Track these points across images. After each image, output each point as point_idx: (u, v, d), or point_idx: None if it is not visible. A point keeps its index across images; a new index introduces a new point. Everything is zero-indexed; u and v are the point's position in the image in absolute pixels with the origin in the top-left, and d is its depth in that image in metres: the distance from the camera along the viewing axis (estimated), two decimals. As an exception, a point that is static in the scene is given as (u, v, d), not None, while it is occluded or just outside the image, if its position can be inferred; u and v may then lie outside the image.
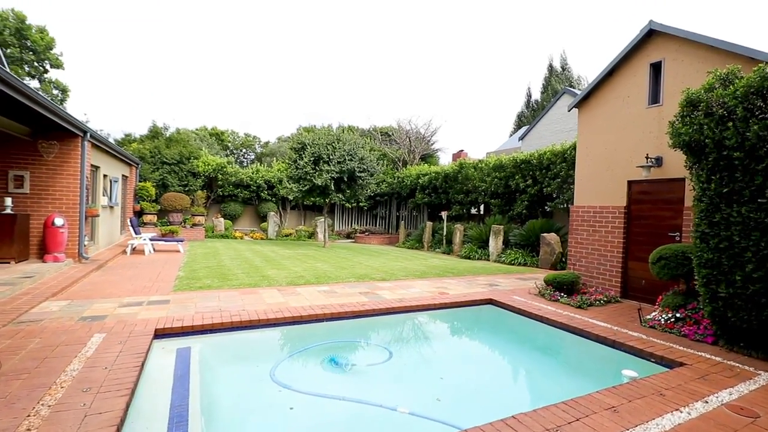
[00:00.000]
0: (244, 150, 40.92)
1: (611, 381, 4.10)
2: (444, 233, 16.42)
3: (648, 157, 6.62)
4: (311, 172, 14.48)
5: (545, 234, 11.90)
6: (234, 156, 38.47)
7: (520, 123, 37.26)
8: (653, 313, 5.87)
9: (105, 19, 54.22)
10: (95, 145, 10.03)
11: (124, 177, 14.47)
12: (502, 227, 13.61)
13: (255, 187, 20.10)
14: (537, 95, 37.86)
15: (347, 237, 21.55)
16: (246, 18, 69.70)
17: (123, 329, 4.66)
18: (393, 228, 22.21)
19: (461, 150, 29.41)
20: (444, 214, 16.82)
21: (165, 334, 4.77)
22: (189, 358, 4.43)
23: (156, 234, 14.59)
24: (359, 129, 28.24)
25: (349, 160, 14.64)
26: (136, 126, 56.28)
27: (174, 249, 12.87)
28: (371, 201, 21.94)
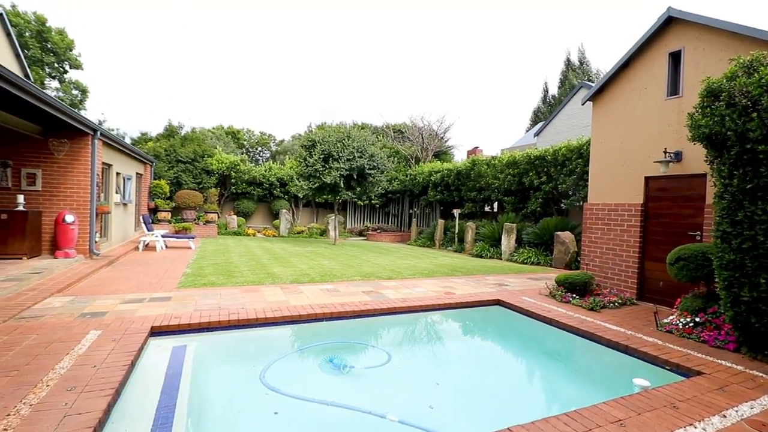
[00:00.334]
0: (259, 148, 41.28)
1: (621, 390, 3.86)
2: (456, 231, 16.15)
3: (666, 152, 6.26)
4: (321, 169, 14.41)
5: (559, 232, 11.53)
6: (249, 154, 38.84)
7: (536, 119, 36.46)
8: (671, 317, 5.55)
9: (124, 21, 55.49)
10: (107, 144, 10.16)
11: (138, 175, 14.70)
12: (514, 225, 13.27)
13: (268, 185, 20.20)
14: (554, 90, 36.98)
15: (359, 235, 21.47)
16: (262, 18, 70.34)
17: (119, 327, 4.63)
18: (405, 226, 22.02)
19: (476, 147, 28.92)
20: (456, 211, 16.53)
21: (161, 332, 4.73)
22: (183, 357, 4.37)
23: (168, 231, 14.78)
24: (372, 126, 28.07)
25: (359, 157, 14.50)
26: (153, 125, 57.50)
27: (185, 246, 13.00)
28: (383, 198, 21.79)
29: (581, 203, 11.84)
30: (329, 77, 66.81)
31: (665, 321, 5.49)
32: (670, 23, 6.48)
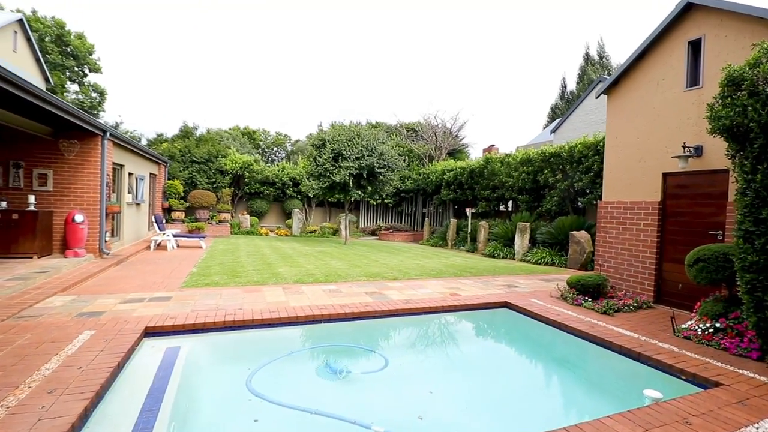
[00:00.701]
0: (275, 148, 41.64)
1: (630, 402, 3.59)
2: (468, 231, 15.84)
3: (685, 147, 5.88)
4: (330, 168, 14.32)
5: (575, 232, 11.13)
6: (265, 155, 39.19)
7: (554, 115, 35.60)
8: (689, 322, 5.20)
9: (142, 24, 56.89)
10: (118, 145, 10.30)
11: (152, 175, 14.92)
12: (528, 224, 12.90)
13: (281, 185, 20.28)
14: (572, 86, 36.02)
15: (372, 234, 21.34)
16: (278, 19, 71.02)
17: (114, 327, 4.60)
18: (419, 225, 21.78)
19: (492, 145, 28.38)
20: (468, 210, 16.22)
21: (155, 332, 4.68)
22: (175, 358, 4.30)
23: (180, 230, 14.97)
24: (386, 125, 27.89)
25: (368, 155, 14.34)
26: (169, 127, 58.61)
27: (196, 245, 13.11)
28: (396, 198, 21.61)
29: (598, 201, 11.40)
30: (345, 77, 67.02)
31: (683, 326, 5.15)
32: (689, 10, 6.09)
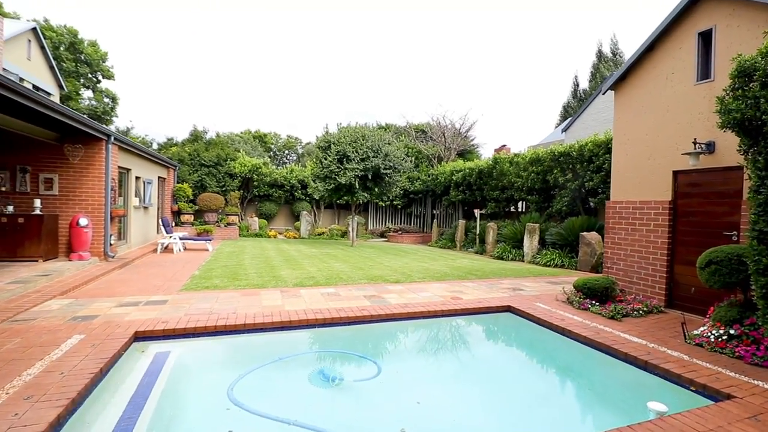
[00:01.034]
0: (286, 151, 41.91)
1: (633, 415, 3.38)
2: (477, 232, 15.58)
3: (696, 143, 5.59)
4: (336, 170, 14.25)
5: (585, 233, 10.81)
6: (276, 158, 39.47)
7: (566, 114, 34.94)
8: (702, 328, 4.92)
9: (152, 29, 58.04)
10: (124, 149, 10.40)
11: (161, 179, 15.08)
12: (537, 225, 12.59)
13: (289, 187, 20.32)
14: (585, 84, 35.26)
15: (381, 236, 21.22)
16: (289, 23, 71.69)
17: (104, 331, 4.56)
18: (428, 227, 21.56)
19: (503, 145, 27.99)
20: (477, 211, 15.97)
21: (145, 337, 4.63)
22: (163, 363, 4.23)
23: (188, 233, 15.08)
24: (395, 126, 27.74)
25: (373, 156, 14.22)
26: (180, 131, 59.47)
27: (202, 248, 13.18)
28: (405, 199, 21.45)
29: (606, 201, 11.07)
30: (354, 78, 67.15)
31: (695, 332, 4.87)
32: (698, 0, 5.81)
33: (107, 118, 24.52)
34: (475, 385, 4.23)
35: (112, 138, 8.98)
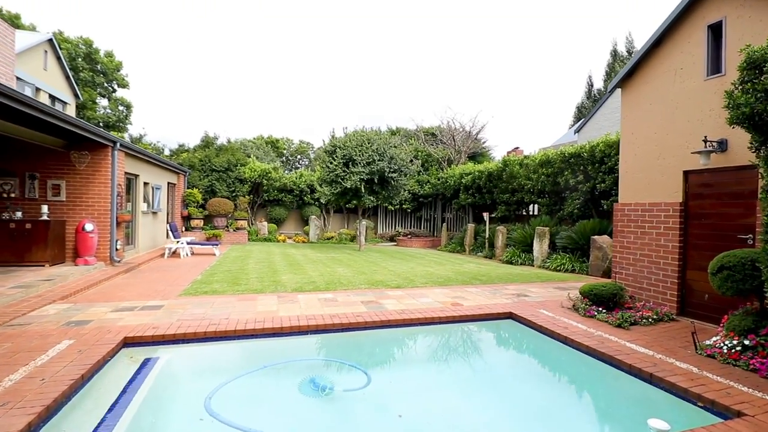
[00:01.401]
0: (299, 156, 42.24)
1: (631, 432, 3.14)
2: (486, 236, 15.29)
3: (707, 141, 5.30)
4: (342, 174, 14.20)
5: (596, 237, 10.45)
6: (289, 163, 39.78)
7: (579, 115, 34.26)
8: (714, 338, 4.62)
9: (165, 37, 59.38)
10: (131, 155, 10.56)
11: (171, 184, 15.28)
12: (547, 229, 12.27)
13: (298, 192, 20.39)
14: (599, 84, 34.56)
15: (390, 240, 21.05)
16: (300, 30, 72.53)
17: (94, 336, 4.54)
18: (438, 231, 21.31)
19: (516, 147, 27.58)
20: (485, 215, 15.69)
21: (134, 343, 4.59)
22: (149, 370, 4.17)
23: (197, 238, 15.22)
24: (405, 130, 27.63)
25: (378, 160, 14.12)
26: (192, 137, 60.44)
27: (209, 252, 13.26)
28: (415, 203, 21.27)
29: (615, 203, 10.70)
30: (368, 82, 67.33)
31: (707, 343, 4.58)
32: (709, -9, 5.53)
33: (122, 126, 25.17)
34: (469, 397, 4.03)
35: (118, 144, 9.10)
